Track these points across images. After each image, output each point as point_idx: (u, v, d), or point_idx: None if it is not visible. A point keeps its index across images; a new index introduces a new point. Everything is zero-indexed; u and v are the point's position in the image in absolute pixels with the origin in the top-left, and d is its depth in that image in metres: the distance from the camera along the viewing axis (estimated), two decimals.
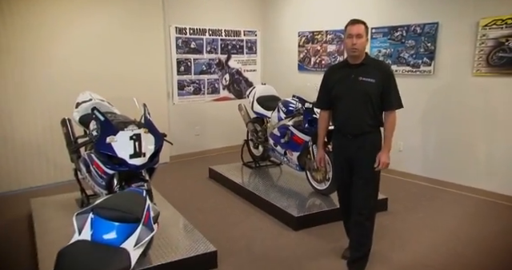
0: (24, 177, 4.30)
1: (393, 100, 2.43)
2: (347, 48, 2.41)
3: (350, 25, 2.41)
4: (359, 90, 2.41)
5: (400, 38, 4.51)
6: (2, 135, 4.14)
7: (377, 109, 2.44)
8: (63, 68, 4.40)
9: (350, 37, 2.37)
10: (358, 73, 2.42)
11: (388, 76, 2.43)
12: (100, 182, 2.74)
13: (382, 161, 2.44)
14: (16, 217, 3.65)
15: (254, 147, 4.95)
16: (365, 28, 2.40)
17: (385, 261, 2.85)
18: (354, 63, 2.46)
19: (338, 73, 2.54)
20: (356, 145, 2.48)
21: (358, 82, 2.41)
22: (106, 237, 1.63)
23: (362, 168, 2.49)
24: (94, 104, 3.44)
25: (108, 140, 2.56)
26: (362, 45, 2.38)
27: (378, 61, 2.66)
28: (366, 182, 2.51)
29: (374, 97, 2.40)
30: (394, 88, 2.44)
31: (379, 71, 2.42)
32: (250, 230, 3.40)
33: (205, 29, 5.67)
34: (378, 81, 2.38)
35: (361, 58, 2.43)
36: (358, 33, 2.35)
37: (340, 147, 2.61)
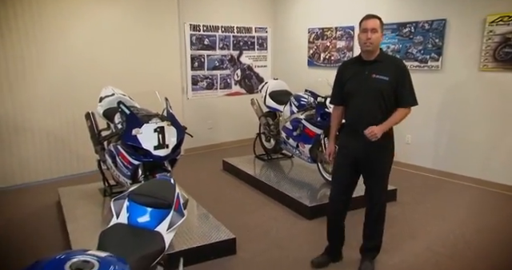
0: (49, 168, 4.54)
1: (408, 97, 2.39)
2: (361, 43, 2.34)
3: (364, 19, 2.35)
4: (372, 88, 2.36)
5: (408, 34, 4.62)
6: (29, 128, 4.37)
7: (389, 107, 2.39)
8: (84, 65, 4.60)
9: (364, 31, 2.32)
10: (372, 70, 2.36)
11: (402, 73, 2.37)
12: (125, 172, 2.93)
13: (371, 129, 2.30)
14: (45, 204, 3.89)
15: (266, 140, 5.11)
16: (380, 23, 2.34)
17: (396, 249, 3.00)
18: (367, 59, 2.40)
19: (351, 69, 2.50)
20: (367, 141, 2.39)
21: (371, 80, 2.36)
22: (141, 221, 1.81)
23: (375, 164, 2.48)
24: (118, 98, 3.64)
25: (134, 133, 2.74)
26: (377, 40, 2.31)
27: (393, 57, 2.61)
28: (379, 176, 2.52)
29: (387, 94, 2.35)
30: (408, 85, 2.39)
31: (393, 68, 2.36)
32: (265, 219, 3.58)
33: (217, 26, 5.82)
34: (392, 78, 2.33)
35: (375, 54, 2.37)
36: (372, 27, 2.29)
37: (349, 143, 2.54)
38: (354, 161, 2.51)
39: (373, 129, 2.30)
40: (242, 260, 2.88)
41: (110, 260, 1.31)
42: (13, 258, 2.88)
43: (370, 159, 2.46)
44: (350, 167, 2.54)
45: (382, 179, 2.55)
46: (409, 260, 2.86)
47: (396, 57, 2.55)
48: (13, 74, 4.16)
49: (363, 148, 2.43)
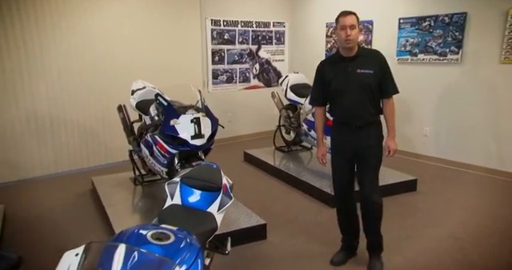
0: (80, 159, 4.75)
1: (390, 87, 2.46)
2: (341, 40, 2.35)
3: (341, 16, 2.35)
4: (359, 82, 2.39)
5: (428, 28, 4.69)
6: (62, 121, 4.57)
7: (377, 98, 2.46)
8: (109, 60, 4.76)
9: (343, 28, 2.32)
10: (355, 66, 2.39)
11: (383, 64, 2.43)
12: (162, 161, 3.10)
13: (392, 149, 2.49)
14: (79, 192, 4.11)
15: (286, 132, 5.25)
16: (357, 19, 2.36)
17: (420, 236, 3.13)
18: (348, 56, 2.41)
19: (333, 67, 2.49)
20: (361, 136, 2.46)
21: (357, 75, 2.38)
22: (194, 202, 1.97)
23: (369, 157, 2.48)
24: (149, 91, 3.81)
25: (172, 123, 2.90)
26: (356, 36, 2.33)
27: (372, 50, 2.59)
28: (373, 170, 2.52)
29: (374, 87, 2.40)
30: (389, 75, 2.45)
31: (375, 61, 2.42)
32: (290, 207, 3.73)
33: (237, 21, 5.94)
34: (377, 70, 2.38)
35: (354, 50, 2.39)
36: (351, 24, 2.30)
37: (343, 140, 2.54)
38: (350, 157, 2.53)
39: (389, 146, 2.50)
40: (273, 245, 3.03)
41: (181, 233, 1.46)
42: (60, 239, 3.08)
43: (364, 153, 2.48)
44: (348, 164, 2.55)
45: (374, 172, 2.52)
46: (432, 246, 2.98)
47: (375, 50, 2.54)
48: (48, 72, 4.36)
49: (360, 142, 2.46)
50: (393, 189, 3.95)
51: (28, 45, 4.18)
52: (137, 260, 1.13)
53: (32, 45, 4.20)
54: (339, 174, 2.62)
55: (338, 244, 2.83)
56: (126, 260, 1.11)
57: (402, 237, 3.11)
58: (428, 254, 2.86)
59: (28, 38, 4.17)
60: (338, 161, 2.61)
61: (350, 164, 2.56)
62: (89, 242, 1.19)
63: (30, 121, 4.32)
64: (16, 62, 4.14)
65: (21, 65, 4.17)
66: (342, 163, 2.57)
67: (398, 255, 2.84)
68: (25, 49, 4.17)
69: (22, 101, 4.24)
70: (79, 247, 1.18)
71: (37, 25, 4.21)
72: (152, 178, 3.99)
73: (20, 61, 4.16)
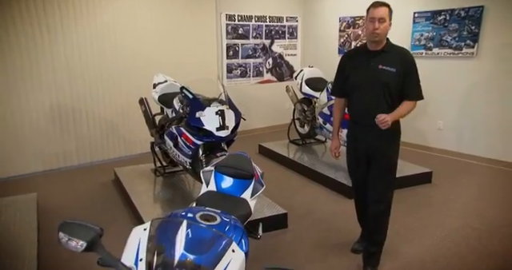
0: (101, 151, 4.89)
1: (414, 91, 2.28)
2: (368, 32, 2.22)
3: (372, 7, 2.21)
4: (378, 79, 2.24)
5: (443, 22, 4.73)
6: (84, 115, 4.70)
7: (395, 99, 2.27)
8: (127, 56, 4.85)
9: (372, 20, 2.18)
10: (378, 61, 2.24)
11: (410, 64, 2.26)
12: (187, 152, 3.20)
13: (383, 117, 2.17)
14: (102, 182, 4.24)
15: (300, 125, 5.33)
16: (389, 11, 2.20)
17: (438, 225, 3.21)
18: (373, 49, 2.28)
19: (355, 59, 2.38)
20: (374, 135, 2.31)
21: (378, 71, 2.24)
22: (228, 189, 2.07)
23: (381, 158, 2.36)
24: (170, 85, 3.91)
25: (197, 115, 2.99)
26: (385, 29, 2.19)
27: (400, 48, 2.36)
28: (384, 173, 2.37)
29: (394, 86, 2.24)
30: (415, 78, 2.28)
31: (401, 59, 2.25)
32: (308, 198, 3.83)
33: (251, 15, 6.01)
34: (399, 70, 2.22)
35: (382, 44, 2.25)
36: (381, 16, 2.16)
37: (357, 137, 2.43)
38: (364, 160, 2.42)
39: (384, 116, 2.17)
40: (294, 233, 3.14)
41: (225, 215, 1.56)
42: None
43: (377, 154, 2.35)
44: (362, 161, 2.44)
45: (386, 174, 2.38)
46: (451, 234, 3.07)
47: (403, 48, 2.36)
48: (71, 66, 4.48)
49: (371, 142, 2.35)
50: (408, 181, 4.03)
51: (52, 41, 4.30)
52: (198, 234, 1.23)
53: (56, 41, 4.32)
54: (355, 177, 2.58)
55: (356, 234, 2.92)
56: (188, 234, 1.21)
57: (420, 227, 3.20)
58: (446, 242, 2.95)
59: (53, 35, 4.29)
60: (350, 159, 2.56)
61: (363, 161, 2.44)
62: (153, 219, 1.29)
63: (55, 114, 4.46)
64: (41, 57, 4.27)
65: (46, 59, 4.30)
66: (354, 161, 2.50)
67: (416, 243, 2.94)
68: (49, 44, 4.29)
69: (47, 94, 4.38)
70: (146, 223, 1.28)
71: (61, 22, 4.33)
72: (172, 169, 4.11)
73: (45, 55, 4.29)
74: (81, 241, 1.11)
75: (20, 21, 4.07)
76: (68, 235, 1.13)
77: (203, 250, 1.19)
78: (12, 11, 4.00)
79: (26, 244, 2.58)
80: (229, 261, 1.18)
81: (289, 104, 6.43)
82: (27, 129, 4.26)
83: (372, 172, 2.40)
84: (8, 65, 4.09)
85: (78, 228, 1.14)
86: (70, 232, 1.13)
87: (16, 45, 4.10)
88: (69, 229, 1.14)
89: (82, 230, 1.13)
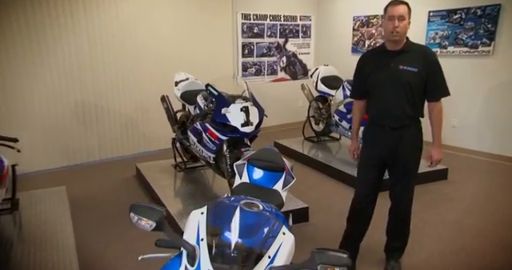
0: (122, 147, 5.02)
1: (439, 89, 2.23)
2: (387, 32, 2.16)
3: (391, 5, 2.14)
4: (399, 80, 2.17)
5: (459, 20, 4.78)
6: (106, 112, 4.83)
7: (418, 100, 2.22)
8: (147, 54, 4.97)
9: (391, 19, 2.12)
10: (399, 61, 2.18)
11: (433, 63, 2.19)
12: (211, 147, 3.30)
13: (435, 158, 2.28)
14: (125, 177, 4.36)
15: (315, 123, 5.42)
16: (408, 10, 2.14)
17: (457, 221, 3.29)
18: (393, 49, 2.21)
19: (374, 60, 2.31)
20: (395, 138, 2.27)
21: (399, 71, 2.17)
22: (261, 181, 2.17)
23: (402, 161, 2.31)
24: (192, 83, 4.01)
25: (223, 112, 3.09)
26: (404, 28, 2.12)
27: (421, 46, 2.30)
28: (406, 175, 2.36)
29: (416, 87, 2.18)
30: (440, 76, 2.21)
31: (423, 58, 2.18)
32: (326, 193, 3.91)
33: (266, 15, 6.10)
34: (422, 69, 2.16)
35: (401, 44, 2.19)
36: (400, 14, 2.10)
37: (376, 140, 2.36)
38: (380, 162, 2.37)
39: (432, 154, 2.25)
40: (315, 226, 3.23)
41: (265, 204, 1.66)
42: (117, 218, 3.33)
43: (397, 157, 2.30)
44: (376, 167, 2.38)
45: (408, 176, 2.36)
46: (470, 229, 3.14)
47: (424, 46, 2.30)
48: (94, 65, 4.61)
49: (391, 147, 2.29)
50: (424, 178, 4.06)
51: (78, 41, 4.45)
52: (251, 218, 1.33)
53: (81, 42, 4.47)
54: (363, 177, 2.48)
55: (376, 227, 3.00)
56: (242, 219, 1.31)
57: (438, 222, 3.27)
58: (465, 237, 3.02)
59: (78, 35, 4.44)
60: (364, 163, 2.46)
61: (377, 169, 2.39)
62: (208, 204, 1.39)
63: (79, 110, 4.60)
64: (67, 55, 4.41)
65: (71, 58, 4.45)
66: (368, 167, 2.42)
67: (435, 237, 3.02)
68: (75, 44, 4.44)
69: (73, 91, 4.52)
70: (202, 207, 1.38)
71: (86, 23, 4.47)
72: (193, 165, 4.21)
73: (71, 55, 4.43)
74: (150, 221, 1.22)
75: (49, 23, 4.22)
76: (138, 215, 1.23)
77: (257, 234, 1.28)
78: (42, 15, 4.17)
79: (63, 232, 2.72)
80: (280, 243, 1.27)
81: (302, 102, 6.52)
82: (54, 125, 4.39)
83: (393, 175, 2.39)
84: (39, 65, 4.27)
85: (146, 209, 1.25)
86: (140, 213, 1.24)
87: (45, 47, 4.27)
88: (138, 210, 1.24)
89: (149, 211, 1.24)
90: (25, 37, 4.10)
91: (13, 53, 4.07)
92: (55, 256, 2.43)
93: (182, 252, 1.24)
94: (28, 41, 4.13)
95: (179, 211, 3.17)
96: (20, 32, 4.07)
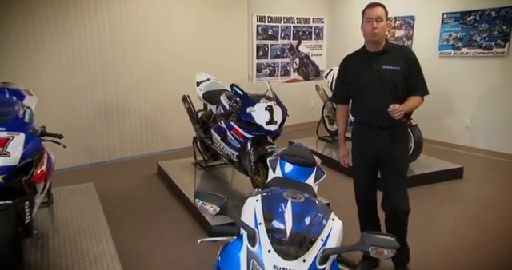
0: (141, 145, 5.14)
1: (418, 87, 2.27)
2: (366, 33, 2.23)
3: (368, 8, 2.24)
4: (384, 80, 2.22)
5: (473, 22, 4.86)
6: (127, 111, 4.96)
7: (402, 98, 2.24)
8: (165, 56, 5.09)
9: (369, 20, 2.20)
10: (381, 61, 2.23)
11: (413, 61, 2.25)
12: (235, 145, 3.40)
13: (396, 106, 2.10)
14: (146, 175, 4.48)
15: (329, 123, 5.51)
16: (385, 11, 2.23)
17: (476, 219, 3.35)
18: (374, 50, 2.26)
19: (356, 63, 2.36)
20: (384, 138, 2.29)
21: (382, 71, 2.22)
22: (293, 175, 2.26)
23: (393, 161, 2.32)
24: (213, 83, 4.13)
25: (248, 111, 3.20)
26: (383, 29, 2.20)
27: (401, 46, 2.40)
28: (398, 176, 2.36)
29: (400, 85, 2.22)
30: (419, 74, 2.27)
31: (403, 57, 2.23)
32: (344, 190, 3.98)
33: (280, 17, 6.22)
34: (404, 67, 2.21)
35: (381, 45, 2.25)
36: (377, 16, 2.18)
37: (364, 140, 2.39)
38: (371, 162, 2.39)
39: (397, 105, 2.12)
40: None
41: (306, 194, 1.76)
42: (144, 213, 3.45)
43: (388, 156, 2.32)
44: (369, 168, 2.42)
45: (400, 178, 2.37)
46: (488, 225, 3.22)
47: (404, 46, 2.41)
48: (116, 66, 4.75)
49: (381, 145, 2.31)
50: (439, 176, 4.18)
51: (101, 44, 4.60)
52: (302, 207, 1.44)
53: (104, 44, 4.62)
54: (359, 177, 2.51)
55: None
56: (294, 207, 1.41)
57: (456, 218, 3.35)
58: (484, 233, 3.09)
59: (102, 38, 4.59)
60: (358, 164, 2.48)
61: (371, 168, 2.42)
62: (261, 193, 1.49)
63: (101, 110, 4.73)
64: (91, 55, 4.56)
65: (95, 60, 4.60)
66: (363, 167, 2.44)
67: (455, 234, 3.09)
68: (99, 47, 4.59)
69: (96, 91, 4.66)
70: (256, 196, 1.48)
71: (110, 27, 4.63)
72: (213, 163, 4.32)
73: (95, 57, 4.59)
74: (214, 206, 1.32)
75: (76, 28, 4.40)
76: (202, 200, 1.34)
77: (308, 220, 1.38)
78: (69, 18, 4.34)
79: (98, 225, 2.83)
80: (330, 229, 1.37)
81: (313, 102, 6.63)
82: (79, 124, 4.53)
83: (386, 178, 2.38)
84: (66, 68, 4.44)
85: (210, 195, 1.35)
86: (204, 199, 1.34)
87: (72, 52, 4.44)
88: (202, 196, 1.35)
89: (213, 197, 1.34)
90: (54, 44, 4.30)
91: (42, 57, 4.25)
92: (94, 246, 2.54)
93: (241, 234, 1.34)
94: (57, 47, 4.33)
95: None
96: (51, 38, 4.26)
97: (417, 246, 2.71)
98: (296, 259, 1.24)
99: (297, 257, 1.25)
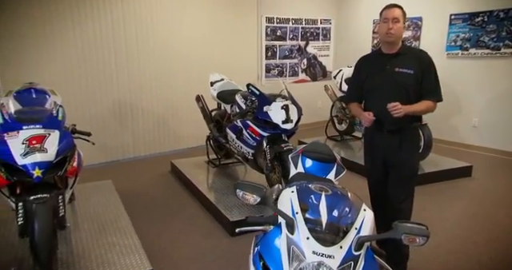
0: (153, 144, 5.23)
1: (433, 91, 2.23)
2: (382, 33, 2.23)
3: (386, 9, 2.23)
4: (396, 83, 2.21)
5: (481, 23, 4.94)
6: (140, 111, 5.05)
7: (414, 102, 2.21)
8: (176, 57, 5.17)
9: (385, 21, 2.19)
10: (394, 64, 2.22)
11: (428, 65, 2.22)
12: (251, 143, 3.48)
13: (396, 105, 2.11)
14: (160, 173, 4.57)
15: (338, 123, 5.59)
16: (402, 13, 2.21)
17: (486, 215, 3.42)
18: (388, 52, 2.26)
19: (370, 64, 2.36)
20: (393, 142, 2.28)
21: (395, 74, 2.21)
22: (315, 171, 2.33)
23: (400, 166, 2.31)
24: (227, 83, 4.21)
25: (265, 109, 3.28)
26: (399, 30, 2.18)
27: (416, 49, 2.34)
28: (404, 182, 2.33)
29: (412, 89, 2.20)
30: (434, 79, 2.23)
31: (418, 61, 2.22)
32: (355, 188, 4.05)
33: (289, 18, 6.30)
34: (417, 71, 2.19)
35: (397, 47, 2.24)
36: (394, 16, 2.17)
37: (374, 144, 2.40)
38: (380, 161, 2.40)
39: (396, 103, 2.13)
40: None
41: (332, 186, 1.83)
42: (162, 209, 3.53)
43: (397, 161, 2.32)
44: (380, 169, 2.41)
45: (406, 184, 2.35)
46: (499, 221, 3.29)
47: (420, 49, 2.33)
48: (130, 67, 4.85)
49: (390, 150, 2.31)
50: (448, 175, 4.25)
51: (116, 44, 4.69)
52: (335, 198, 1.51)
53: (120, 45, 4.72)
54: (371, 177, 2.54)
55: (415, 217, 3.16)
56: (328, 199, 1.49)
57: (468, 215, 3.42)
58: (496, 231, 3.15)
59: (117, 40, 4.68)
60: (369, 165, 2.52)
61: (380, 167, 2.42)
62: (296, 184, 1.57)
63: (115, 110, 4.81)
64: (107, 55, 4.65)
65: (110, 61, 4.69)
66: (373, 168, 2.48)
67: (466, 230, 3.16)
68: (114, 48, 4.69)
69: (110, 92, 4.75)
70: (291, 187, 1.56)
71: (124, 28, 4.71)
72: (226, 161, 4.40)
73: (110, 57, 4.68)
74: (255, 195, 1.40)
75: (92, 30, 4.49)
76: (243, 191, 1.41)
77: (342, 212, 1.46)
78: (86, 22, 4.45)
79: (121, 220, 2.91)
80: (363, 218, 1.44)
81: (321, 103, 6.71)
82: (94, 124, 4.60)
83: (392, 181, 2.36)
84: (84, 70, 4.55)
85: (250, 186, 1.43)
86: (245, 189, 1.42)
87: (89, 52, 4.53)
88: (243, 187, 1.43)
89: (253, 188, 1.42)
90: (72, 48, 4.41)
91: (60, 59, 4.36)
92: (120, 239, 2.62)
93: (279, 223, 1.42)
94: (75, 51, 4.43)
95: (223, 203, 3.36)
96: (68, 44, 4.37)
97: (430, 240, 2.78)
98: (333, 245, 1.32)
99: (333, 244, 1.32)
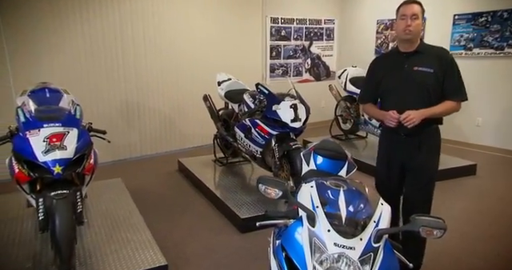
0: (160, 143, 5.27)
1: (454, 91, 2.11)
2: (399, 31, 2.09)
3: (403, 5, 2.11)
4: (414, 82, 2.09)
5: (484, 23, 4.99)
6: (147, 110, 5.08)
7: (434, 102, 2.09)
8: (182, 56, 5.21)
9: (403, 18, 2.07)
10: (413, 63, 2.11)
11: (449, 63, 2.10)
12: (260, 142, 3.52)
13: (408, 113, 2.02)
14: (167, 171, 4.61)
15: (342, 122, 5.63)
16: (421, 9, 2.10)
17: (491, 211, 3.47)
18: (406, 51, 2.14)
19: (387, 63, 2.24)
20: (411, 146, 2.17)
21: (413, 73, 2.09)
22: (326, 168, 2.38)
23: (418, 172, 2.20)
24: (234, 83, 4.25)
25: (274, 108, 3.32)
26: (417, 27, 2.06)
27: (436, 47, 2.17)
28: (422, 188, 2.23)
29: (433, 89, 2.08)
30: (457, 77, 2.12)
31: (438, 59, 2.09)
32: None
33: (293, 18, 6.35)
34: (438, 70, 2.07)
35: (415, 45, 2.12)
36: (413, 13, 2.05)
37: (390, 148, 2.28)
38: (398, 170, 2.27)
39: (409, 112, 2.01)
40: None
41: (347, 182, 1.88)
42: (171, 207, 3.57)
43: (415, 165, 2.20)
44: (394, 170, 2.30)
45: (423, 190, 2.24)
46: (505, 217, 3.33)
47: (440, 47, 2.18)
48: (138, 66, 4.88)
49: (408, 154, 2.19)
50: (453, 173, 4.29)
51: (124, 43, 4.73)
52: (353, 194, 1.56)
53: (127, 44, 4.75)
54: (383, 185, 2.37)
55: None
56: (346, 194, 1.53)
57: (474, 212, 3.47)
58: (503, 228, 3.20)
59: (125, 40, 4.72)
60: (383, 170, 2.38)
61: (395, 172, 2.30)
62: (315, 180, 1.62)
63: (123, 109, 4.85)
64: (115, 59, 4.70)
65: (118, 61, 4.73)
66: (385, 169, 2.34)
67: (473, 227, 3.21)
68: (122, 47, 4.72)
69: (118, 92, 4.79)
70: (310, 182, 1.60)
71: (132, 28, 4.76)
72: (233, 160, 4.44)
73: (118, 56, 4.72)
74: (277, 190, 1.44)
75: (101, 31, 4.53)
76: (265, 185, 1.46)
77: (360, 206, 1.50)
78: (95, 22, 4.48)
79: (133, 217, 2.96)
80: (380, 212, 1.49)
81: (324, 102, 6.76)
82: (102, 122, 4.56)
83: (408, 186, 2.26)
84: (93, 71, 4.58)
85: (273, 181, 1.47)
86: (267, 184, 1.46)
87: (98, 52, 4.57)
88: (265, 182, 1.47)
89: (275, 183, 1.47)
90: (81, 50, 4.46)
91: (70, 59, 4.40)
92: (133, 235, 2.67)
93: (300, 217, 1.46)
94: (84, 52, 4.47)
95: (232, 200, 3.40)
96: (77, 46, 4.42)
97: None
98: (353, 237, 1.36)
99: (354, 236, 1.37)
